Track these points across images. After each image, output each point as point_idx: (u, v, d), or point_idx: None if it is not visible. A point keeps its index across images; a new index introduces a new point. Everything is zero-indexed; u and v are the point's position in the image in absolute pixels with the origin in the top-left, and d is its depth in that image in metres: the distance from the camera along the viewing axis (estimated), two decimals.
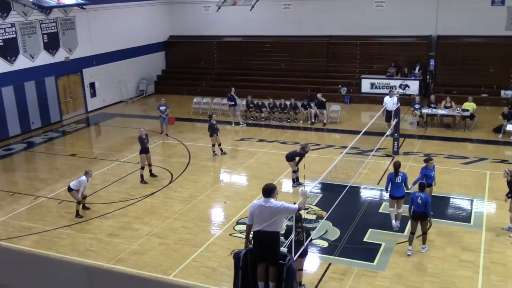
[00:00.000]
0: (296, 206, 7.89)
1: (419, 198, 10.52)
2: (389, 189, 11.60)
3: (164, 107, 19.74)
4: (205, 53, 28.46)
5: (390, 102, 18.08)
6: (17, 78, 20.38)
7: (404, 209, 12.46)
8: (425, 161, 12.11)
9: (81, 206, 13.01)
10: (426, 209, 10.46)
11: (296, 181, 14.25)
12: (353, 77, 25.04)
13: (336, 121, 20.96)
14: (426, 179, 11.67)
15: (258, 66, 27.20)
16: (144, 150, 14.97)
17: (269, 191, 8.05)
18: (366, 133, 14.87)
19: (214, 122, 16.87)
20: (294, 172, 14.21)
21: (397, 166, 11.55)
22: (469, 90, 21.95)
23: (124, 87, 26.06)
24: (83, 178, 12.87)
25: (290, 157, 14.13)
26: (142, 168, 15.05)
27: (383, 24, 24.51)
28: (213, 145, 17.11)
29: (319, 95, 21.01)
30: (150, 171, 15.29)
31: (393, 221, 11.72)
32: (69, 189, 12.89)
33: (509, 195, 11.32)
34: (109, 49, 24.87)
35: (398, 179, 11.46)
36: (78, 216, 12.86)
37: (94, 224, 12.48)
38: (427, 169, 11.95)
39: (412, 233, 10.70)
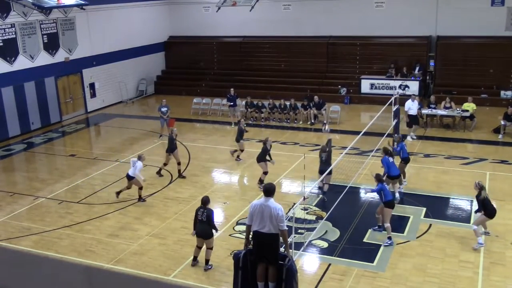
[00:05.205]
0: (286, 228, 8.01)
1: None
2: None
3: (166, 108, 19.72)
4: (204, 54, 28.45)
5: (414, 106, 18.19)
6: (17, 79, 20.37)
7: (405, 209, 12.49)
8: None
9: (142, 191, 13.66)
10: None
11: (323, 191, 13.43)
12: (353, 77, 25.04)
13: (336, 122, 20.96)
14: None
15: (258, 66, 27.19)
16: (172, 150, 15.26)
17: (269, 190, 8.08)
18: (366, 133, 14.87)
19: (243, 126, 16.43)
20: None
21: (387, 150, 12.94)
22: (469, 90, 21.97)
23: (124, 88, 26.06)
24: (139, 163, 13.40)
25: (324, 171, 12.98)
26: (179, 163, 15.37)
27: (383, 25, 24.52)
28: (242, 151, 16.48)
29: (315, 98, 20.94)
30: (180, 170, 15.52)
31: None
32: (129, 178, 13.39)
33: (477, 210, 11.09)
34: (108, 50, 24.87)
35: (391, 159, 12.88)
36: (142, 200, 13.60)
37: (94, 225, 12.47)
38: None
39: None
